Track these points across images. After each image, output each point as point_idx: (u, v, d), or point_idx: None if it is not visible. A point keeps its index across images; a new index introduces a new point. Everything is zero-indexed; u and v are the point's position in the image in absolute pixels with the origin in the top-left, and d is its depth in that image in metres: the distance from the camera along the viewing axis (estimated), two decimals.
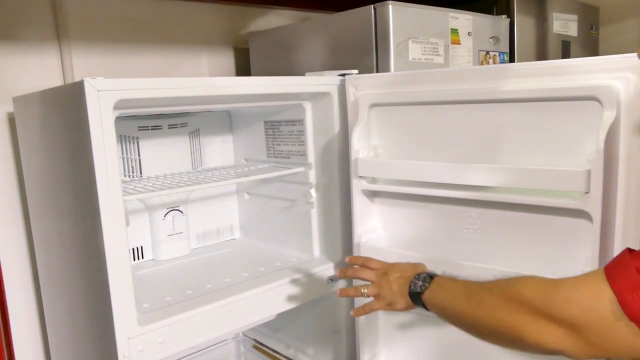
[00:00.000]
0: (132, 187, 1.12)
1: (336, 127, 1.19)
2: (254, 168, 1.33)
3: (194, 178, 1.21)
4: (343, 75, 1.17)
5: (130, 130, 1.28)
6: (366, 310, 0.90)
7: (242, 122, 1.46)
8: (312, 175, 1.26)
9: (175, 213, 1.35)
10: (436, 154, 1.03)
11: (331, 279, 1.23)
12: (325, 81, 1.16)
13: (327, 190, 1.24)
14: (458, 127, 1.00)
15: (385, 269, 0.88)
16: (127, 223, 0.96)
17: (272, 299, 1.12)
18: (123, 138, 1.27)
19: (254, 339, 1.57)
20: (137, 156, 1.30)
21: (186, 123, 1.37)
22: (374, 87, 1.10)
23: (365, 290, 0.88)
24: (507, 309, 0.62)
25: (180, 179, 1.20)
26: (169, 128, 1.33)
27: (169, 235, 1.35)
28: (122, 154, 1.28)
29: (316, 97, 1.20)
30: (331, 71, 1.18)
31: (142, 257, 1.35)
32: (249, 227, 1.51)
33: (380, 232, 1.16)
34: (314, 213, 1.28)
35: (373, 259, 0.93)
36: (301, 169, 1.27)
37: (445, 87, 1.00)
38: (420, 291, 0.78)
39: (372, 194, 1.15)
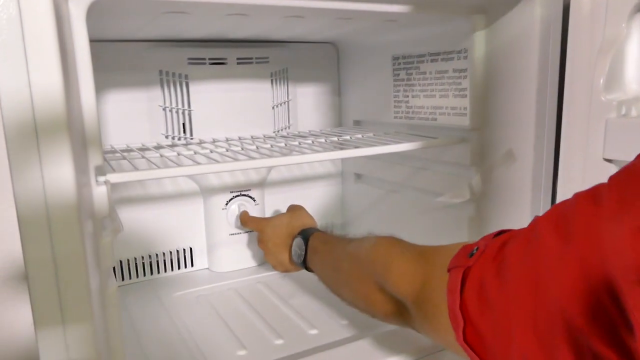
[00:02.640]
0: (157, 155, 0.63)
1: (537, 62, 0.61)
2: (371, 135, 0.79)
3: (273, 147, 0.70)
4: None
5: (176, 64, 0.79)
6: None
7: (356, 61, 0.91)
8: (479, 152, 0.70)
9: (243, 201, 0.86)
10: None
11: None
12: None
13: (507, 179, 0.67)
14: None
15: (261, 237, 0.79)
16: (117, 227, 0.47)
17: None
18: (164, 76, 0.79)
19: None
20: (185, 106, 0.81)
21: (267, 58, 0.85)
22: None
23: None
24: (360, 279, 0.56)
25: (249, 147, 0.70)
26: (238, 64, 0.83)
27: (231, 235, 0.86)
28: (164, 101, 0.80)
29: (500, 2, 0.63)
30: None
31: (192, 265, 0.88)
32: (359, 228, 0.97)
33: None
34: (478, 219, 0.71)
35: (248, 220, 0.84)
36: (457, 139, 0.71)
37: None
38: (301, 261, 0.70)
39: None
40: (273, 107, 0.88)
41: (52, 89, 0.37)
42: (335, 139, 0.77)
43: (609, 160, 0.53)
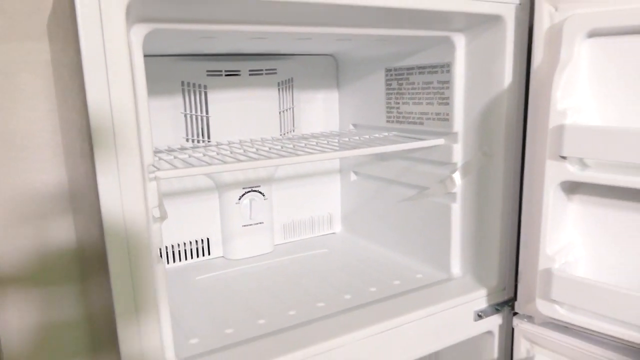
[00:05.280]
0: (185, 156, 0.74)
1: (507, 76, 0.73)
2: (367, 137, 0.91)
3: (279, 148, 0.81)
4: None
5: (196, 76, 0.90)
6: None
7: (353, 72, 1.03)
8: (459, 152, 0.81)
9: (254, 196, 0.97)
10: None
11: (480, 315, 0.79)
12: None
13: (482, 176, 0.79)
14: None
15: None
16: (163, 215, 0.58)
17: (388, 346, 0.70)
18: (186, 86, 0.90)
19: None
20: (204, 113, 0.92)
21: (274, 69, 0.97)
22: (594, 2, 0.62)
23: None
24: None
25: (260, 148, 0.81)
26: (250, 75, 0.94)
27: (244, 226, 0.98)
28: (185, 108, 0.91)
29: (477, 24, 0.75)
30: None
31: (209, 254, 0.99)
32: (355, 220, 1.09)
33: (580, 251, 0.69)
34: (457, 210, 0.83)
35: None
36: (441, 141, 0.83)
37: None
38: None
39: (572, 189, 0.68)
40: (280, 113, 1.00)
41: (125, 102, 0.48)
42: (336, 140, 0.88)
43: (564, 158, 0.65)
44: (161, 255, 0.57)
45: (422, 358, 0.77)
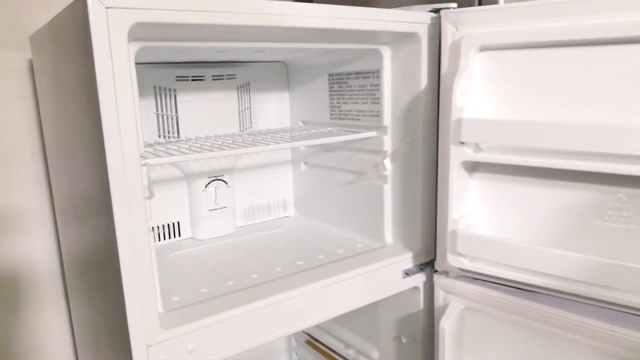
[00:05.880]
0: (164, 148, 0.89)
1: (423, 80, 0.92)
2: (314, 131, 1.08)
3: (240, 141, 0.97)
4: (437, 11, 0.89)
5: (166, 81, 1.05)
6: None
7: (301, 76, 1.20)
8: (388, 142, 1.00)
9: (218, 184, 1.13)
10: (563, 115, 0.75)
11: (407, 273, 0.97)
12: (412, 18, 0.88)
13: (406, 161, 0.97)
14: (599, 78, 0.71)
15: None
16: (151, 194, 0.73)
17: (333, 297, 0.88)
18: (157, 90, 1.05)
19: (308, 334, 1.35)
20: (173, 113, 1.07)
21: (234, 75, 1.13)
22: (483, 25, 0.82)
23: None
24: None
25: (224, 141, 0.97)
26: (213, 80, 1.10)
27: (210, 210, 1.13)
28: (157, 109, 1.06)
29: (399, 40, 0.93)
30: (421, 5, 0.90)
31: (179, 235, 1.14)
32: (306, 203, 1.26)
33: (480, 217, 0.89)
34: (388, 189, 1.02)
35: None
36: (374, 133, 1.01)
37: (593, 20, 0.70)
38: None
39: (472, 168, 0.88)
40: (239, 112, 1.16)
41: (128, 105, 0.63)
42: (288, 134, 1.05)
43: (463, 143, 0.84)
44: (153, 230, 0.72)
45: (364, 309, 0.94)
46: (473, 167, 0.88)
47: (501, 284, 0.86)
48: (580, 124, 0.69)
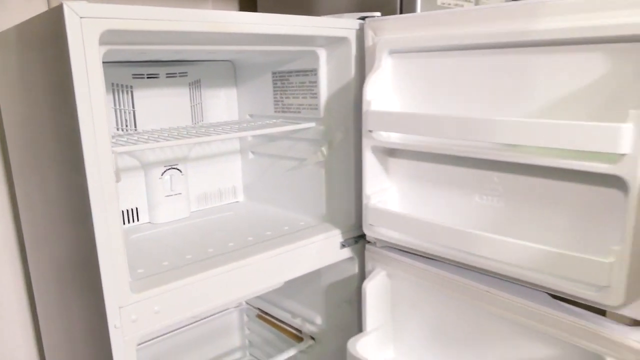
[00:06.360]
0: (125, 139, 1.00)
1: (353, 78, 1.07)
2: (260, 123, 1.21)
3: (194, 132, 1.08)
4: (363, 18, 1.03)
5: (124, 78, 1.15)
6: None
7: (247, 74, 1.33)
8: (324, 132, 1.14)
9: (173, 172, 1.24)
10: (458, 110, 0.91)
11: (343, 245, 1.12)
12: (342, 24, 1.03)
13: (340, 148, 1.12)
14: (485, 79, 0.87)
15: None
16: (118, 179, 0.84)
17: (280, 266, 1.01)
18: (115, 87, 1.15)
19: (258, 308, 1.48)
20: (131, 107, 1.17)
21: (186, 72, 1.24)
22: (395, 31, 0.97)
23: None
24: None
25: (179, 133, 1.08)
26: (166, 77, 1.21)
27: (166, 196, 1.24)
28: (115, 104, 1.16)
29: (332, 43, 1.07)
30: (351, 13, 1.05)
31: (138, 220, 1.24)
32: (254, 189, 1.39)
33: (393, 194, 1.04)
34: (325, 173, 1.16)
35: None
36: (312, 124, 1.15)
37: (481, 29, 0.87)
38: None
39: (389, 153, 1.03)
40: (191, 106, 1.27)
41: (99, 101, 0.74)
42: (236, 126, 1.18)
43: (371, 131, 0.98)
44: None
45: (308, 282, 1.08)
46: (390, 152, 1.03)
47: (409, 252, 1.02)
48: (454, 116, 0.84)
